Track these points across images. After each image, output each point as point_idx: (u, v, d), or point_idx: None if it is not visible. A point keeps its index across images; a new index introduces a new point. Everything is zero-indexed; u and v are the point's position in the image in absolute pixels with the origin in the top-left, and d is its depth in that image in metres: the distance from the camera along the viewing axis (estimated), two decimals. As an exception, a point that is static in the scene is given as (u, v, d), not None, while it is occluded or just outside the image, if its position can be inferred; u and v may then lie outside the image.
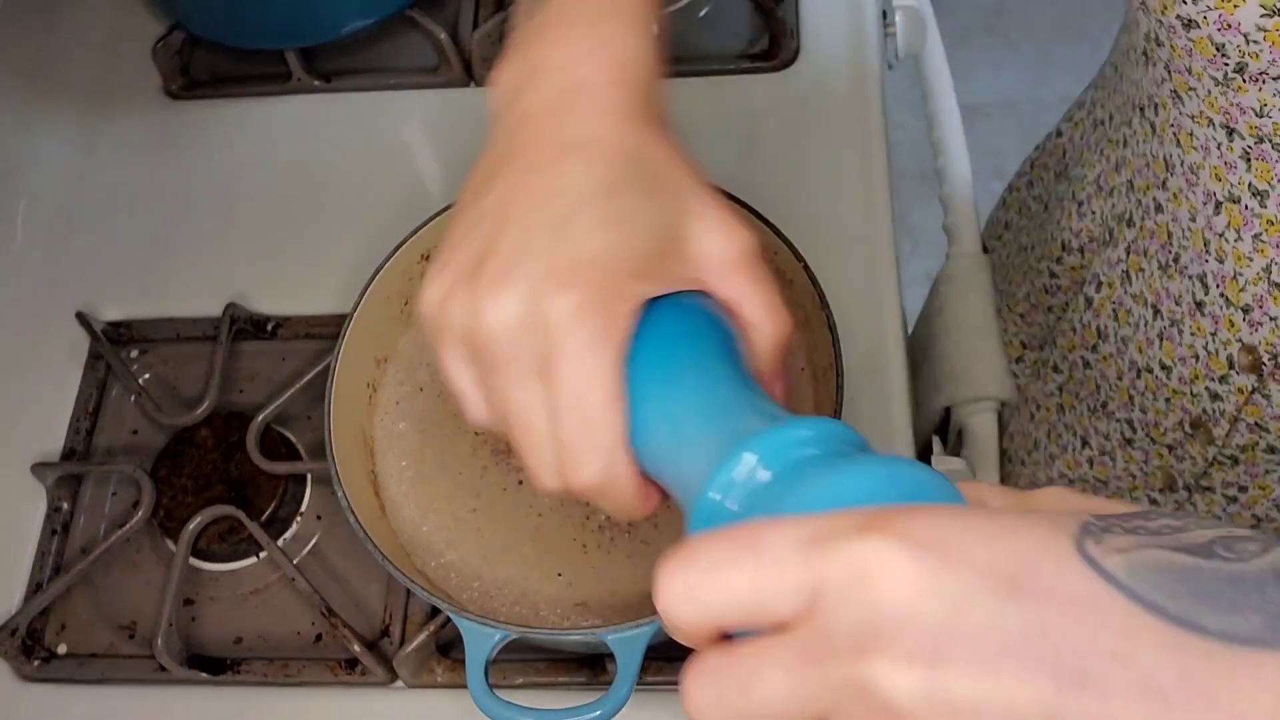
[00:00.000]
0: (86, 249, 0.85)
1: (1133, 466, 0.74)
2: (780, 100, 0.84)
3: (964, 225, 0.85)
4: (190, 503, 0.72)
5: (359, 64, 0.90)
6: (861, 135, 0.82)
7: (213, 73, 0.92)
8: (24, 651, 0.70)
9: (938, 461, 0.71)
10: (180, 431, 0.74)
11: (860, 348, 0.74)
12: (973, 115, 1.76)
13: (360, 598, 0.70)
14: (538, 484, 0.47)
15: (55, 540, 0.73)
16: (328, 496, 0.73)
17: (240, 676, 0.68)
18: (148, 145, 0.89)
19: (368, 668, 0.66)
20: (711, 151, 0.79)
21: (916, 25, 0.89)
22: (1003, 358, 0.79)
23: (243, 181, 0.86)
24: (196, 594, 0.71)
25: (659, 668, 0.66)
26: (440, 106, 0.87)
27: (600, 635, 0.57)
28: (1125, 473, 0.75)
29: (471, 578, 0.65)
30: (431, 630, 0.66)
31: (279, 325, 0.79)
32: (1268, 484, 0.67)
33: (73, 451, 0.76)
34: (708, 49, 0.87)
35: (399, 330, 0.72)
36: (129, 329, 0.80)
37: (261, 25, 0.84)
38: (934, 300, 0.84)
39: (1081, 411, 0.76)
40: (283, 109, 0.89)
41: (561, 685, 0.66)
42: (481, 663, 0.57)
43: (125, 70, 0.92)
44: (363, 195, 0.84)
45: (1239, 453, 0.65)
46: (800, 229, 0.68)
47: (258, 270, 0.82)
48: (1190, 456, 0.69)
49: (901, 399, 0.72)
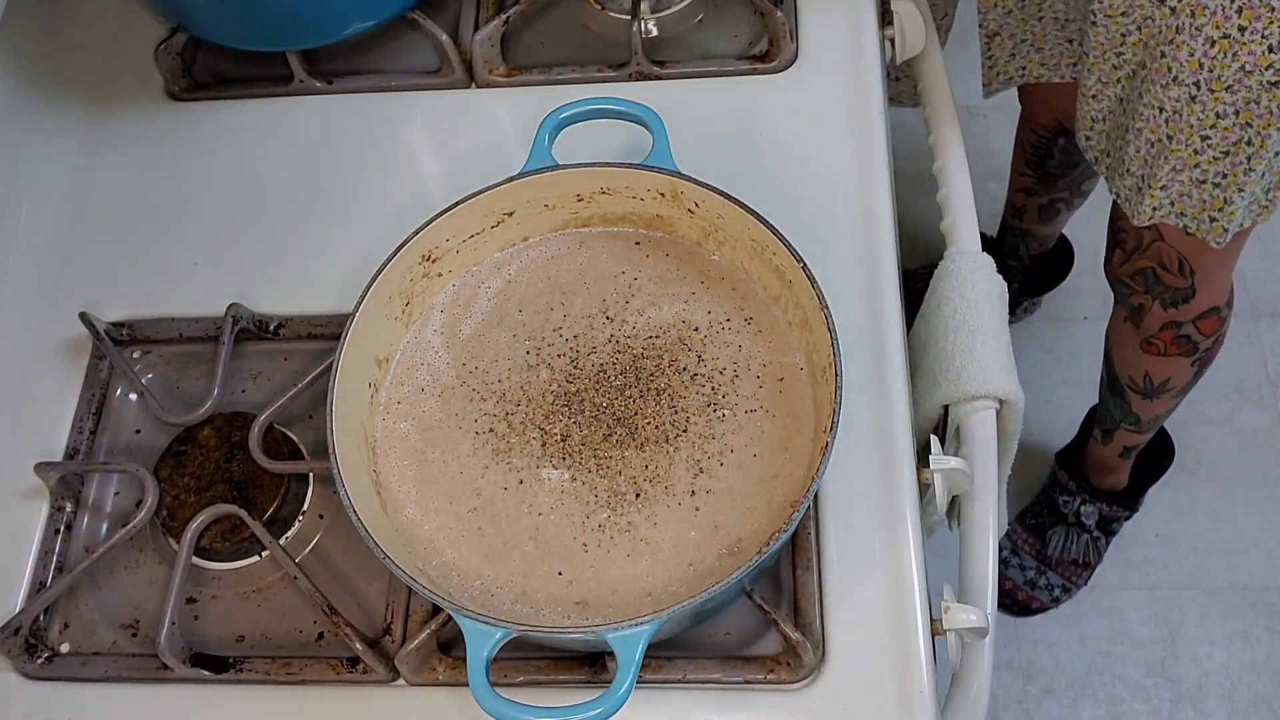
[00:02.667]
0: (89, 250, 0.85)
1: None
2: (780, 101, 0.84)
3: (963, 225, 0.86)
4: (193, 502, 0.72)
5: (361, 65, 0.90)
6: (861, 135, 0.82)
7: (215, 74, 0.92)
8: (27, 650, 0.70)
9: (936, 460, 0.71)
10: (183, 431, 0.75)
11: (859, 347, 0.74)
12: (971, 116, 1.76)
13: (362, 596, 0.70)
14: None
15: (58, 539, 0.74)
16: (330, 496, 0.73)
17: (242, 675, 0.68)
18: (150, 147, 0.89)
19: (369, 666, 0.67)
20: (711, 152, 0.80)
21: (916, 26, 0.89)
22: (1001, 356, 0.79)
23: (245, 182, 0.86)
24: (199, 593, 0.72)
25: (659, 665, 0.66)
26: (441, 108, 0.88)
27: (600, 633, 0.57)
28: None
29: (472, 576, 0.65)
30: (433, 629, 0.66)
31: (281, 325, 0.79)
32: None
33: (76, 451, 0.76)
34: (708, 50, 0.88)
35: (401, 330, 0.73)
36: (132, 329, 0.80)
37: (263, 27, 0.85)
38: (932, 299, 0.84)
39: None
40: (285, 110, 0.89)
41: (562, 683, 0.67)
42: (483, 661, 0.57)
43: (128, 72, 0.92)
44: (364, 196, 0.84)
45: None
46: (800, 229, 0.69)
47: (260, 270, 0.82)
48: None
49: (901, 398, 0.73)
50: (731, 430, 0.68)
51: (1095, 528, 1.45)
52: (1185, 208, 0.94)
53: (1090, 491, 1.44)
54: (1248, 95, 0.83)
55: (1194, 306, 1.09)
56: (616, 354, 0.71)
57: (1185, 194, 0.93)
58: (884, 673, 0.65)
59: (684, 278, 0.73)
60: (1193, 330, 1.11)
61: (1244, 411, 1.58)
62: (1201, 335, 1.12)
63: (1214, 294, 1.08)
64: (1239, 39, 0.80)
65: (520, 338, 0.72)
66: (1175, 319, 1.11)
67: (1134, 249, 1.07)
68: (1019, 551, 1.48)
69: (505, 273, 0.75)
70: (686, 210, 0.72)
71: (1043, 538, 1.46)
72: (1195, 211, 0.94)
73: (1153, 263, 1.06)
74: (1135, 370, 1.21)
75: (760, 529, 0.65)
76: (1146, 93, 0.89)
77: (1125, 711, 1.42)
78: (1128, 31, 0.89)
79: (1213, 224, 0.94)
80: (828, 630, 0.66)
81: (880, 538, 0.69)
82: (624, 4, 0.89)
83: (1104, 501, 1.44)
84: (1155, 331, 1.13)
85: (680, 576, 0.64)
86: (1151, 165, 0.92)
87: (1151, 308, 1.11)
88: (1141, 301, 1.11)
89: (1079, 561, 1.45)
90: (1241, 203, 0.92)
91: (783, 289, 0.70)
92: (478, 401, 0.70)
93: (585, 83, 0.87)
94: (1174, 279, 1.06)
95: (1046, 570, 1.46)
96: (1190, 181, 0.92)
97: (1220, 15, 0.80)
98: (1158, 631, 1.45)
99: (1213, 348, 1.15)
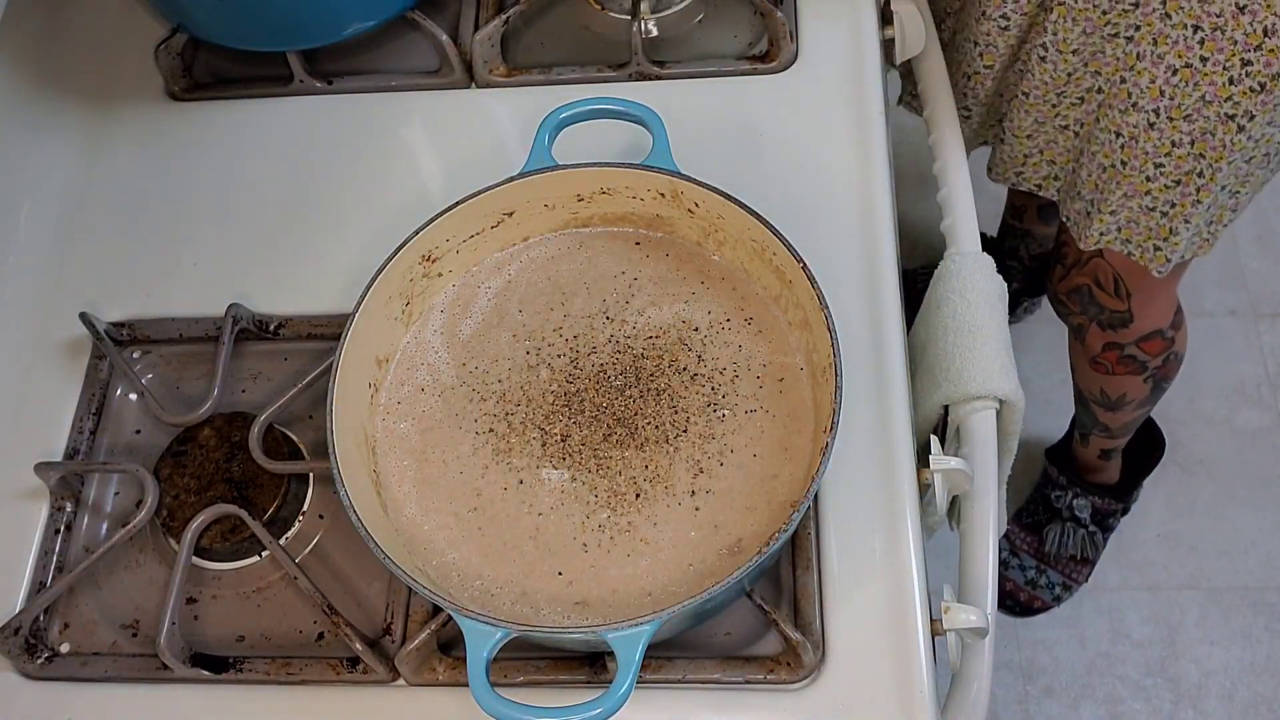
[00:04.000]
0: (90, 250, 0.85)
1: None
2: (780, 101, 0.84)
3: (963, 225, 0.86)
4: (193, 502, 0.72)
5: (361, 66, 0.90)
6: (861, 135, 0.82)
7: (215, 74, 0.92)
8: (27, 650, 0.70)
9: (936, 460, 0.71)
10: (183, 431, 0.75)
11: (859, 348, 0.74)
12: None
13: (362, 596, 0.70)
14: None
15: (58, 539, 0.74)
16: (330, 496, 0.73)
17: (242, 675, 0.68)
18: (151, 147, 0.89)
19: (369, 666, 0.67)
20: (712, 152, 0.80)
21: (916, 26, 0.89)
22: (1001, 356, 0.79)
23: (245, 182, 0.86)
24: (199, 593, 0.72)
25: (659, 665, 0.66)
26: (441, 108, 0.88)
27: (600, 633, 0.57)
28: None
29: (473, 576, 0.65)
30: (433, 629, 0.66)
31: (281, 325, 0.79)
32: None
33: (76, 451, 0.76)
34: (708, 50, 0.88)
35: (401, 330, 0.73)
36: (132, 329, 0.80)
37: (263, 27, 0.85)
38: (932, 299, 0.84)
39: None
40: (285, 110, 0.89)
41: (562, 683, 0.67)
42: (483, 661, 0.57)
43: (128, 72, 0.92)
44: (364, 196, 0.84)
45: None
46: (800, 229, 0.69)
47: (260, 271, 0.82)
48: None
49: (901, 398, 0.73)
50: (731, 430, 0.68)
51: (1090, 521, 1.45)
52: (1131, 234, 0.95)
53: (1081, 485, 1.45)
54: (1204, 125, 0.84)
55: (1133, 330, 1.10)
56: (616, 354, 0.71)
57: (1133, 220, 0.94)
58: (884, 673, 0.65)
59: (684, 278, 0.73)
60: (1137, 351, 1.12)
61: (1244, 411, 1.58)
62: (1148, 355, 1.13)
63: (1154, 318, 1.09)
64: (1200, 69, 0.81)
65: (520, 338, 0.72)
66: (1116, 340, 1.12)
67: (1073, 264, 1.08)
68: (1018, 551, 1.48)
69: (505, 273, 0.75)
70: (687, 210, 0.72)
71: (1040, 535, 1.47)
72: (1140, 239, 0.95)
73: (1089, 279, 1.06)
74: (1091, 386, 1.23)
75: (760, 529, 0.65)
76: (1104, 118, 0.90)
77: (1125, 711, 1.42)
78: (1074, 69, 0.90)
79: (1156, 252, 0.96)
80: (828, 630, 0.66)
81: (880, 538, 0.69)
82: (624, 4, 0.89)
83: (1095, 494, 1.45)
84: (1099, 351, 1.14)
85: (680, 576, 0.64)
86: (1103, 190, 0.93)
87: (1090, 328, 1.12)
88: (1080, 321, 1.12)
89: (1077, 557, 1.45)
90: (1186, 233, 0.93)
91: (783, 289, 0.70)
92: (478, 401, 0.70)
93: (585, 83, 0.87)
94: (1109, 300, 1.07)
95: (1046, 569, 1.46)
96: (1139, 208, 0.93)
97: (1182, 44, 0.81)
98: (1158, 631, 1.45)
99: (1165, 365, 1.16)
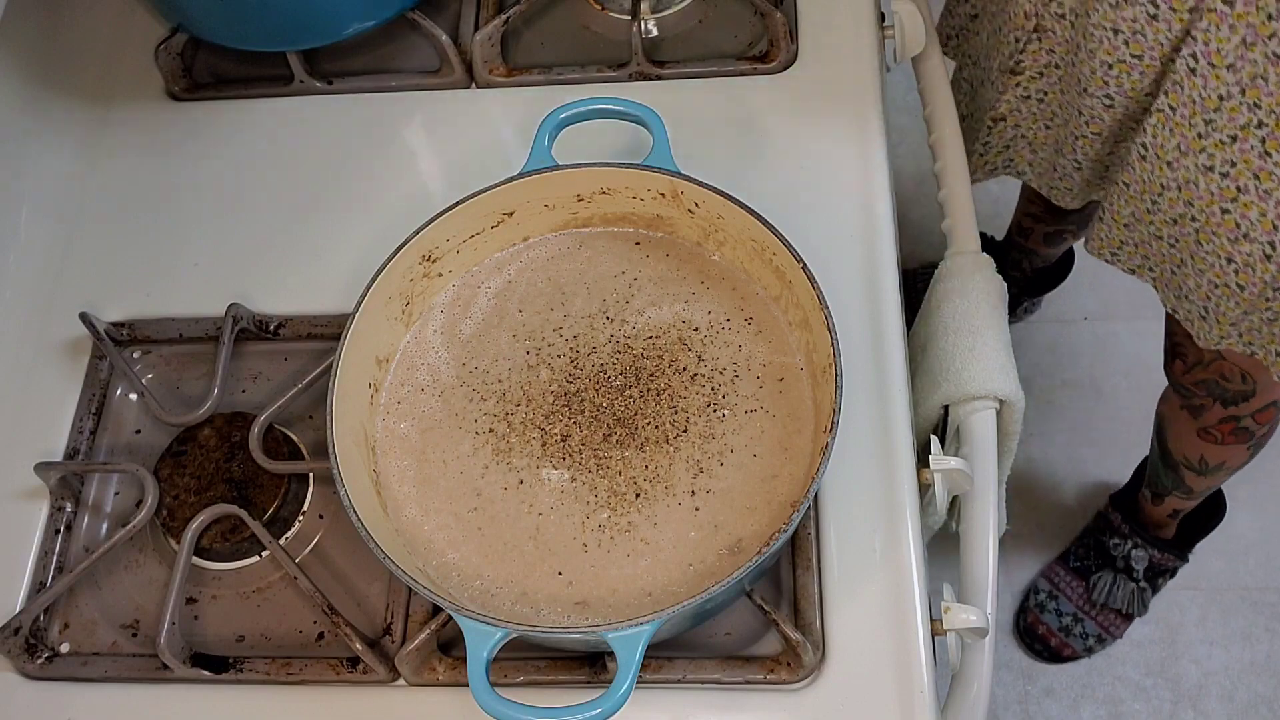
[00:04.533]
0: (89, 250, 0.85)
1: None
2: (780, 101, 0.84)
3: (963, 226, 0.86)
4: (193, 502, 0.72)
5: (361, 66, 0.90)
6: (861, 136, 0.82)
7: (215, 74, 0.92)
8: (27, 650, 0.70)
9: (936, 461, 0.71)
10: (183, 431, 0.75)
11: (859, 348, 0.74)
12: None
13: (362, 596, 0.70)
14: None
15: (58, 539, 0.74)
16: (330, 496, 0.73)
17: (242, 675, 0.68)
18: (151, 147, 0.89)
19: (369, 666, 0.67)
20: (712, 152, 0.80)
21: (916, 26, 0.89)
22: (1001, 356, 0.79)
23: (245, 182, 0.86)
24: (199, 593, 0.72)
25: (659, 666, 0.66)
26: (441, 108, 0.88)
27: (600, 633, 0.57)
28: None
29: (472, 576, 0.65)
30: (433, 629, 0.66)
31: (281, 325, 0.79)
32: None
33: (76, 451, 0.76)
34: (707, 50, 0.88)
35: (401, 330, 0.73)
36: (132, 329, 0.80)
37: (263, 27, 0.85)
38: (932, 299, 0.84)
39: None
40: (285, 110, 0.89)
41: (562, 683, 0.67)
42: (483, 661, 0.57)
43: (128, 72, 0.92)
44: (364, 196, 0.84)
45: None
46: (800, 229, 0.69)
47: (260, 271, 0.82)
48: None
49: (901, 398, 0.73)
50: (731, 430, 0.68)
51: (1143, 576, 1.42)
52: (1254, 339, 0.94)
53: (1144, 536, 1.41)
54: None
55: (1254, 403, 1.09)
56: (616, 354, 0.71)
57: (1255, 329, 0.92)
58: (884, 673, 0.65)
59: (684, 278, 0.73)
60: (1251, 422, 1.12)
61: (1244, 412, 1.58)
62: (1258, 425, 1.13)
63: (1274, 391, 1.09)
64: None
65: (520, 338, 0.72)
66: (1235, 414, 1.11)
67: (1195, 363, 1.07)
68: (1058, 594, 1.45)
69: (505, 273, 0.75)
70: (687, 210, 0.72)
71: (1087, 581, 1.43)
72: (1264, 342, 0.94)
73: (1214, 375, 1.07)
74: (1191, 452, 1.21)
75: (760, 529, 0.65)
76: (1207, 242, 0.87)
77: (1125, 711, 1.42)
78: (1166, 184, 0.87)
79: (1279, 356, 0.94)
80: (828, 630, 0.66)
81: (880, 538, 0.69)
82: (624, 4, 0.89)
83: (1156, 548, 1.41)
84: (1214, 424, 1.14)
85: (680, 576, 0.64)
86: (1218, 303, 0.91)
87: (1212, 407, 1.12)
88: (1203, 403, 1.12)
89: (1121, 611, 1.42)
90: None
91: (783, 289, 0.70)
92: (478, 401, 0.70)
93: (585, 83, 0.87)
94: (1236, 386, 1.07)
95: (1084, 618, 1.43)
96: (1261, 320, 0.91)
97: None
98: (1158, 631, 1.45)
99: (1268, 433, 1.16)
